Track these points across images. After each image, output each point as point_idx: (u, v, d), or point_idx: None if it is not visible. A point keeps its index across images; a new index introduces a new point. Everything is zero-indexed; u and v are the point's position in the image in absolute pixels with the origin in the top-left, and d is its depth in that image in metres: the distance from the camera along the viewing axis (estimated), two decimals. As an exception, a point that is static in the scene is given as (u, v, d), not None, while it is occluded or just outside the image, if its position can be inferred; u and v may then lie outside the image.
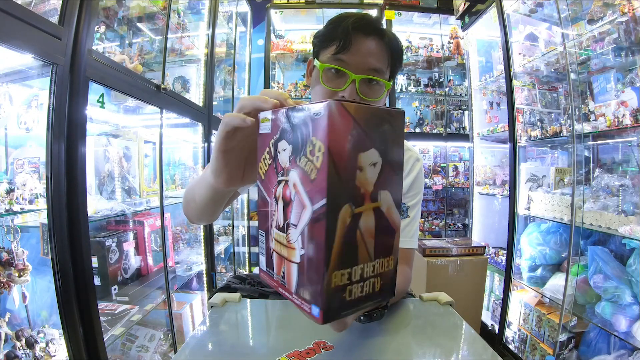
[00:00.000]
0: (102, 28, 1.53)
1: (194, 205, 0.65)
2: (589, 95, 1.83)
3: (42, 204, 1.10)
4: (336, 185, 0.32)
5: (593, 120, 1.64)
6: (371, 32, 0.71)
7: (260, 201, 0.41)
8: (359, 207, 0.34)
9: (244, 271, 3.07)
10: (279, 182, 0.37)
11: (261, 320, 0.68)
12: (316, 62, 0.75)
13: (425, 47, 3.10)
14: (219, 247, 2.56)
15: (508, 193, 2.20)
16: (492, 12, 2.32)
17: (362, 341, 0.57)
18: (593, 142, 1.87)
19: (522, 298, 2.10)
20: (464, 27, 2.71)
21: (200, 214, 0.67)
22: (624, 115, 1.47)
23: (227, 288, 0.86)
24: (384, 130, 0.35)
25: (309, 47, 3.00)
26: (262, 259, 0.42)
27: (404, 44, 3.05)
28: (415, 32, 3.19)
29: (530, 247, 2.02)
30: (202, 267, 2.24)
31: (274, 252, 0.39)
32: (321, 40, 0.74)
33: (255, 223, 3.10)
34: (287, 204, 0.36)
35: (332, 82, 0.72)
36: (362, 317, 0.59)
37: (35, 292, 1.19)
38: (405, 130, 2.98)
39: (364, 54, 0.70)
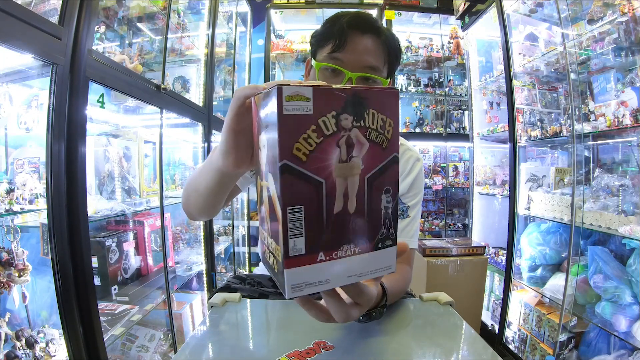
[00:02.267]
0: (102, 28, 1.53)
1: (195, 196, 0.64)
2: (589, 95, 1.83)
3: (42, 204, 1.10)
4: None
5: (593, 120, 1.64)
6: (367, 30, 0.71)
7: (303, 183, 0.37)
8: None
9: (244, 271, 3.07)
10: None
11: (261, 320, 0.68)
12: (313, 62, 0.75)
13: (425, 47, 3.10)
14: (219, 247, 2.56)
15: (508, 193, 2.20)
16: (492, 12, 2.32)
17: (362, 341, 0.57)
18: (593, 142, 1.87)
19: (522, 298, 2.10)
20: (464, 27, 2.71)
21: (202, 206, 0.65)
22: (624, 115, 1.47)
23: (227, 288, 0.86)
24: None
25: (309, 47, 2.99)
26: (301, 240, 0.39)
27: (404, 44, 3.05)
28: (415, 32, 3.19)
29: (530, 247, 2.02)
30: (202, 267, 2.24)
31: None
32: (318, 40, 0.75)
33: (255, 223, 3.10)
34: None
35: (328, 80, 0.72)
36: (361, 317, 0.58)
37: (35, 292, 1.19)
38: (405, 130, 3.01)
39: (360, 52, 0.70)
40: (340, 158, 0.37)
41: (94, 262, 1.39)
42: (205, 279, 2.25)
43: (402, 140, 0.89)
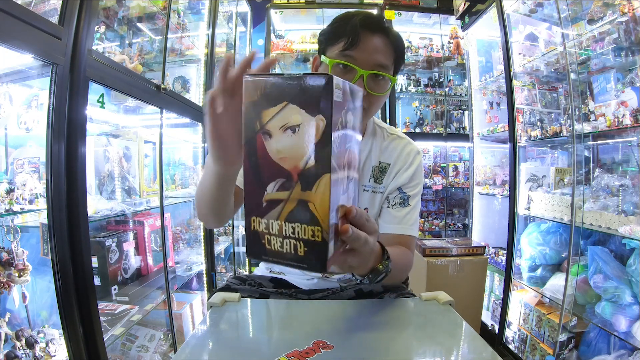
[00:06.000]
0: (102, 28, 1.53)
1: (205, 202, 0.66)
2: (589, 95, 1.82)
3: (42, 204, 1.10)
4: None
5: (593, 120, 1.64)
6: (378, 30, 0.75)
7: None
8: None
9: (244, 271, 3.07)
10: None
11: (261, 320, 0.68)
12: (324, 58, 0.77)
13: (425, 47, 3.10)
14: (219, 247, 2.56)
15: (508, 193, 2.20)
16: (492, 12, 2.31)
17: (362, 341, 0.57)
18: (593, 142, 1.87)
19: (522, 298, 2.10)
20: (464, 27, 2.71)
21: (213, 210, 0.68)
22: (624, 115, 1.47)
23: (227, 288, 0.86)
24: None
25: (309, 47, 2.99)
26: None
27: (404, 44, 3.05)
28: (415, 32, 3.19)
29: (530, 247, 2.01)
30: (202, 267, 2.24)
31: None
32: (328, 37, 0.78)
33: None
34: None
35: (340, 77, 0.74)
36: (369, 275, 0.58)
37: (35, 292, 1.19)
38: (405, 130, 3.01)
39: (372, 51, 0.74)
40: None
41: (94, 262, 1.39)
42: (205, 279, 2.25)
43: (402, 134, 0.94)
